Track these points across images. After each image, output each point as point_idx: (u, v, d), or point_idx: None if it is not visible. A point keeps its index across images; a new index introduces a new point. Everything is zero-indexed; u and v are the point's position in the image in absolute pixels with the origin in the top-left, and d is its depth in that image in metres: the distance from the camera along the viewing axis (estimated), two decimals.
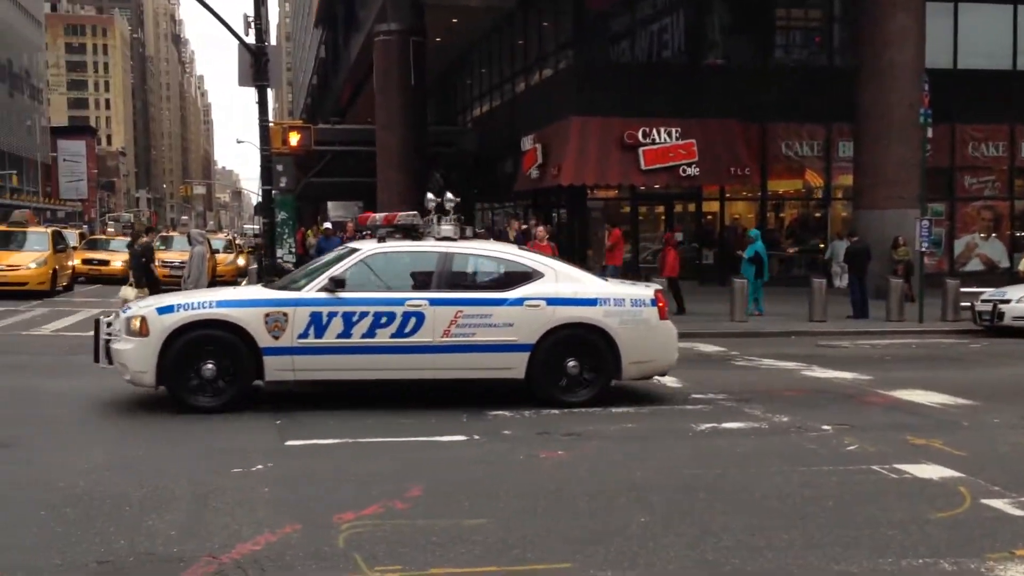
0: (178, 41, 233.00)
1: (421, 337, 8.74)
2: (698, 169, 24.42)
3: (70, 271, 26.09)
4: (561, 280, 9.16)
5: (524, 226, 20.00)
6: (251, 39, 19.11)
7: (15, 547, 4.99)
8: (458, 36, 33.52)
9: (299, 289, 8.90)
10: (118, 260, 29.60)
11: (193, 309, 8.56)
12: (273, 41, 23.27)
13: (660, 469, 6.86)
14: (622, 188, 25.68)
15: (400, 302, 8.76)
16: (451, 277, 9.08)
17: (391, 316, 8.70)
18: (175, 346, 8.41)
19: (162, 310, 8.58)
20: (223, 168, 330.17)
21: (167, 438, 7.73)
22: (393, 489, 6.09)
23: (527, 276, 9.15)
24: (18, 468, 6.69)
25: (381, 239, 9.50)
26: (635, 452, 7.40)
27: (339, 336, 8.64)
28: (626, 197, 26.30)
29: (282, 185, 20.45)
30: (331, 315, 8.63)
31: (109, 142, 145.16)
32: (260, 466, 6.73)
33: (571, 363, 9.01)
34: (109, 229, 39.74)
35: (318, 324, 8.61)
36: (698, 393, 10.04)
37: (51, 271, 23.44)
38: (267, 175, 19.75)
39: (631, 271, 23.75)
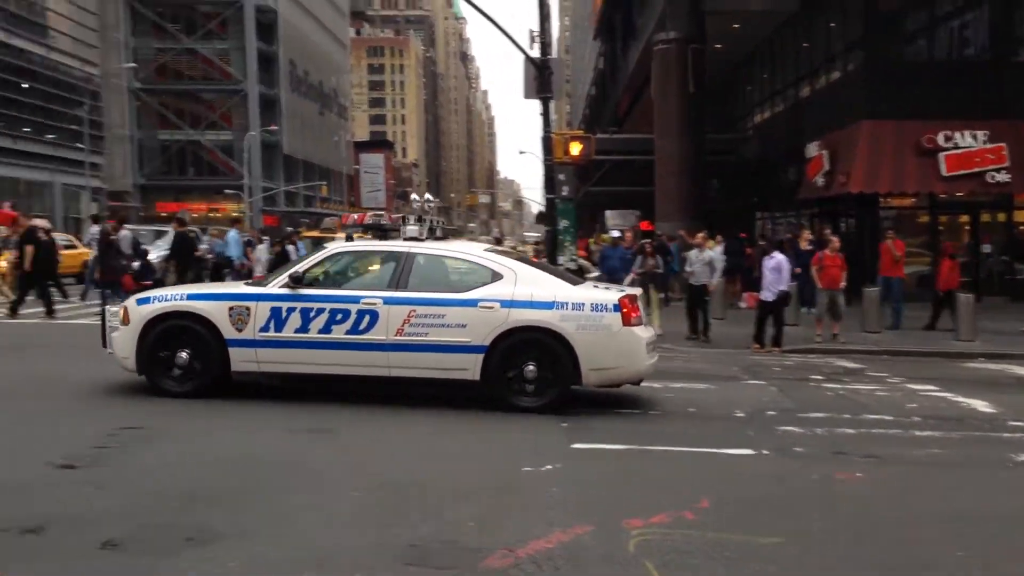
0: (465, 58, 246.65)
1: (375, 335, 8.79)
2: (1009, 175, 22.12)
3: None
4: (520, 283, 8.90)
5: (812, 237, 19.15)
6: (535, 53, 19.80)
7: (335, 523, 5.45)
8: (738, 42, 32.74)
9: (265, 285, 9.27)
10: None
11: (166, 301, 9.15)
12: (555, 54, 23.93)
13: (974, 500, 6.26)
14: (919, 196, 23.83)
15: (356, 299, 8.88)
16: (410, 277, 9.02)
17: (346, 313, 8.83)
18: (151, 335, 8.95)
19: (141, 301, 9.28)
20: (505, 178, 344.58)
21: (463, 434, 8.11)
22: (681, 499, 6.02)
23: (487, 278, 8.97)
24: (337, 453, 7.30)
25: (348, 238, 9.71)
26: (943, 480, 6.82)
27: (297, 331, 8.89)
28: (924, 206, 24.33)
29: (564, 194, 20.92)
30: (290, 310, 8.90)
31: (404, 155, 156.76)
32: (549, 466, 6.88)
33: (529, 367, 8.74)
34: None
35: (278, 318, 8.90)
36: (1017, 420, 9.08)
37: None
38: (550, 184, 20.34)
39: (923, 285, 22.02)
